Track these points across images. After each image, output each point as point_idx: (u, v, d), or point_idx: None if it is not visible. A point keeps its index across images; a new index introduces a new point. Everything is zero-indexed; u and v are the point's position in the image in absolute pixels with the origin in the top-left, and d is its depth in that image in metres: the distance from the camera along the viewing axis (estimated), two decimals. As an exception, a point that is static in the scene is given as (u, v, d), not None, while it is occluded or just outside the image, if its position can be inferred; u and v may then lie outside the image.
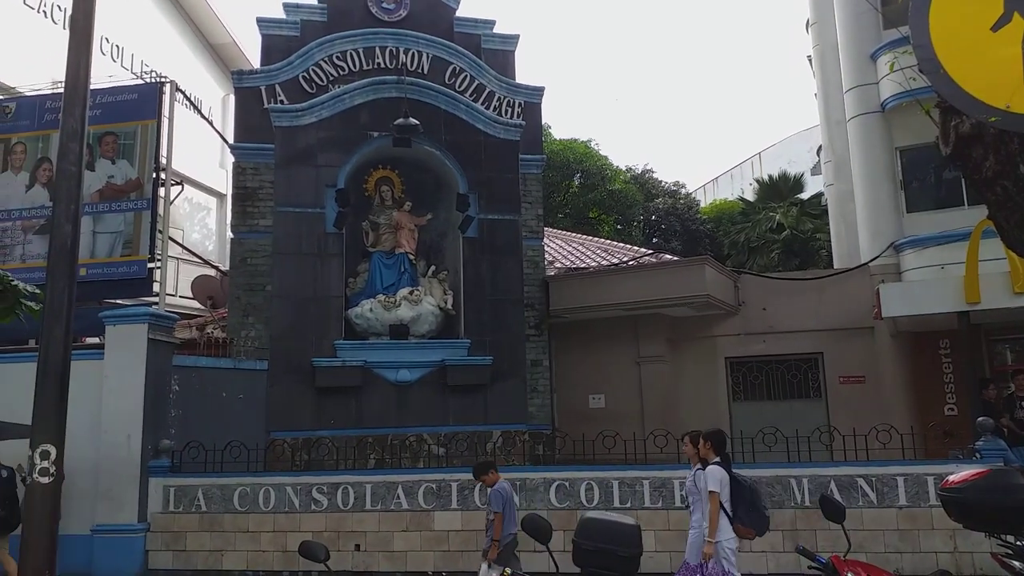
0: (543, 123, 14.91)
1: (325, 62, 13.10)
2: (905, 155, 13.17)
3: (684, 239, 26.57)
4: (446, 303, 12.48)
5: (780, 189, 26.13)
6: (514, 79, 14.13)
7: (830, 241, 18.47)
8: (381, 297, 12.19)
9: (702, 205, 30.97)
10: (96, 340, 10.61)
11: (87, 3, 5.77)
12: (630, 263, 14.55)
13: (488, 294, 12.32)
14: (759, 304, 13.59)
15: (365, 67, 13.19)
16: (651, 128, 78.32)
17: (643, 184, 29.00)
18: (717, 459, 6.23)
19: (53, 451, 5.12)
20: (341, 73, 13.11)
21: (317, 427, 11.31)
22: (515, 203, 12.80)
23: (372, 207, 12.94)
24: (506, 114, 13.58)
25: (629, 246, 17.21)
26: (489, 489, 7.29)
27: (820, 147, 20.18)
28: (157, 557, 9.41)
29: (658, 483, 9.10)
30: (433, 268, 12.89)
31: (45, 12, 18.87)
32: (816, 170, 26.86)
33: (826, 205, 19.96)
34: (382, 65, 13.22)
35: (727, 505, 6.07)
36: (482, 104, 13.32)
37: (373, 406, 11.68)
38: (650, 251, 16.47)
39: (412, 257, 12.71)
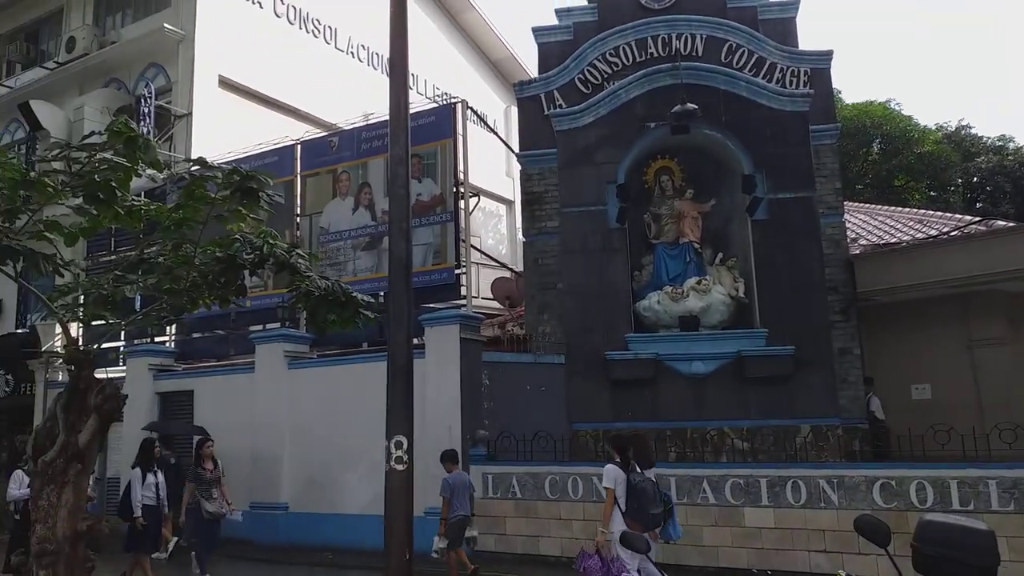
0: (833, 89, 13.68)
1: (599, 60, 13.31)
2: None
3: (1017, 201, 22.79)
4: (737, 291, 12.00)
5: None
6: (797, 47, 13.24)
7: None
8: (668, 288, 12.07)
9: (1037, 159, 26.35)
10: (415, 341, 11.81)
11: (401, 46, 6.41)
12: (952, 234, 12.78)
13: (784, 279, 11.59)
14: None
15: (638, 59, 13.18)
16: (964, 79, 68.48)
17: (959, 143, 25.42)
18: (618, 460, 6.76)
19: (405, 441, 5.71)
20: (615, 69, 13.23)
21: (614, 419, 11.48)
22: (808, 179, 11.90)
23: (653, 199, 12.87)
24: (791, 85, 12.72)
25: (948, 214, 15.13)
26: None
27: None
28: (482, 539, 10.20)
29: (1008, 483, 7.93)
30: (720, 255, 12.46)
31: (352, 53, 21.60)
32: None
33: None
34: (655, 54, 13.12)
35: (621, 501, 6.57)
36: (763, 78, 12.62)
37: (668, 399, 11.58)
38: (976, 218, 14.28)
39: (697, 246, 12.43)
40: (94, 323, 6.08)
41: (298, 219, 14.78)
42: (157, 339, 15.77)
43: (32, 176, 4.97)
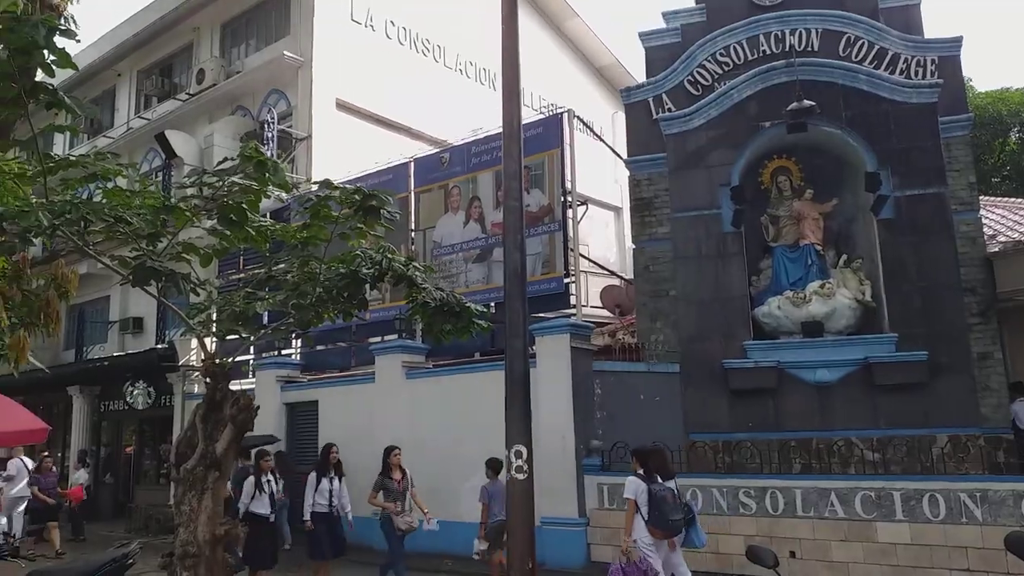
0: (964, 77, 12.82)
1: (708, 61, 13.02)
2: None
3: None
4: (863, 294, 11.40)
5: None
6: (922, 35, 12.52)
7: None
8: (789, 293, 11.61)
9: None
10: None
11: (513, 59, 6.53)
12: (1108, 226, 11.71)
13: (915, 281, 10.92)
14: None
15: (749, 58, 12.83)
16: (1112, 56, 62.49)
17: (1110, 127, 23.28)
18: (641, 471, 7.34)
19: (525, 451, 5.75)
20: (725, 69, 12.91)
21: (734, 429, 11.14)
22: (938, 173, 11.18)
23: (769, 200, 12.42)
24: (916, 75, 12.02)
25: (1101, 205, 13.86)
26: None
27: None
28: (598, 550, 10.11)
29: None
30: (844, 257, 11.88)
31: (461, 70, 22.05)
32: None
33: None
34: (767, 52, 12.73)
35: (644, 510, 7.10)
36: (886, 70, 11.99)
37: (791, 408, 11.12)
38: None
39: (819, 248, 11.90)
40: (228, 338, 6.44)
41: (412, 234, 15.19)
42: (284, 352, 16.57)
43: (170, 202, 5.34)
